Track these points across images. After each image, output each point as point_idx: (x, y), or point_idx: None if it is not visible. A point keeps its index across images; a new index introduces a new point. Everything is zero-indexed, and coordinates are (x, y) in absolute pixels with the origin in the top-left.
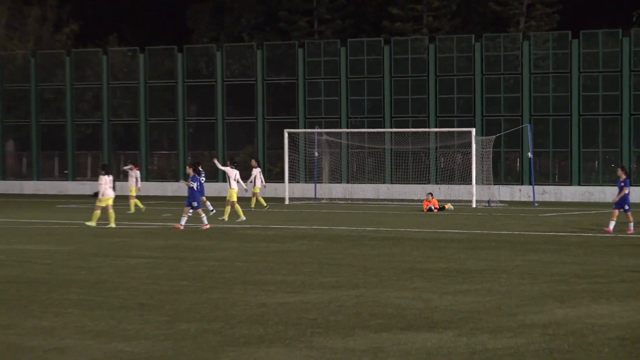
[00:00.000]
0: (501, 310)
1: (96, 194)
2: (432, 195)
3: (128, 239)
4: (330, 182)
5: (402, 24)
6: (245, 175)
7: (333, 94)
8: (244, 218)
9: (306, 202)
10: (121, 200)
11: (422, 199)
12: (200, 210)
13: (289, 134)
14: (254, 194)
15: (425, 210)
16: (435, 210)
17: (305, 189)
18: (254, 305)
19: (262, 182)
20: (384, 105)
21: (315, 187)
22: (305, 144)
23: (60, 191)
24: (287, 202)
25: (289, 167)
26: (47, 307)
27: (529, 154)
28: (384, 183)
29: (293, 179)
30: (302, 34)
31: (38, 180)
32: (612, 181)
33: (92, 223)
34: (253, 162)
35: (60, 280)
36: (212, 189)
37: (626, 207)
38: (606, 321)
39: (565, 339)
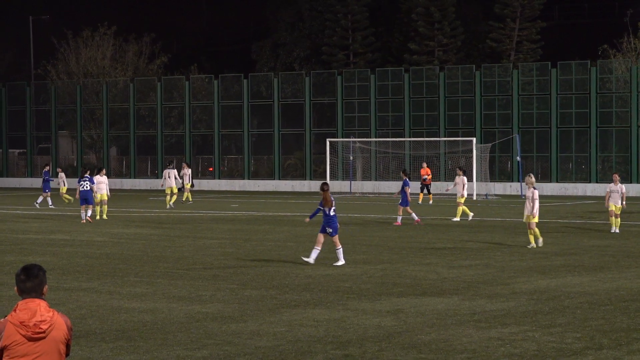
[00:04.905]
0: (496, 281)
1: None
2: (426, 164)
3: (204, 224)
4: (362, 180)
5: (419, 57)
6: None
7: (364, 111)
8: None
9: (343, 195)
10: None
11: (436, 192)
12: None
13: (330, 142)
14: (186, 189)
15: (421, 179)
16: (427, 182)
17: (342, 185)
18: (302, 276)
19: (190, 180)
20: (404, 119)
21: (350, 183)
22: (343, 150)
23: (151, 187)
24: None
25: (330, 168)
26: (141, 277)
27: (518, 158)
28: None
29: (333, 177)
30: (340, 64)
31: (134, 178)
32: (583, 179)
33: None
34: (184, 165)
35: (150, 256)
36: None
37: (401, 202)
38: (578, 289)
39: (546, 303)
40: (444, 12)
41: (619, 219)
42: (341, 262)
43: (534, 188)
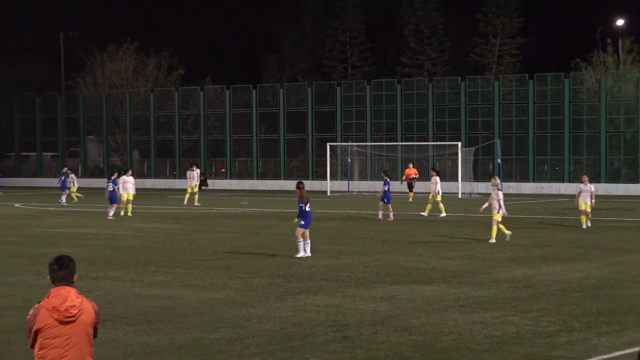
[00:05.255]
0: (479, 270)
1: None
2: (412, 164)
3: (217, 220)
4: (359, 180)
5: (410, 69)
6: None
7: (361, 118)
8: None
9: (341, 194)
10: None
11: (424, 192)
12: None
13: (330, 146)
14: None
15: (408, 178)
16: (414, 181)
17: (341, 185)
18: (306, 266)
19: (199, 180)
20: (396, 126)
21: (349, 183)
22: (342, 153)
23: (170, 186)
24: (328, 193)
25: (330, 169)
26: (160, 267)
27: (498, 160)
28: (397, 180)
29: (332, 177)
30: (339, 76)
31: (155, 178)
32: (557, 179)
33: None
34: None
35: (169, 248)
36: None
37: (385, 200)
38: (552, 278)
39: (523, 290)
40: (433, 29)
41: (589, 215)
42: (307, 254)
43: (499, 189)
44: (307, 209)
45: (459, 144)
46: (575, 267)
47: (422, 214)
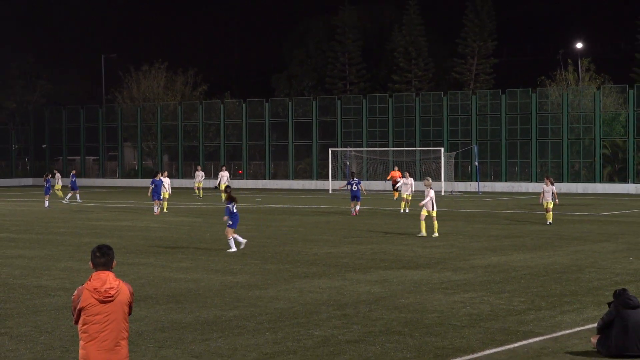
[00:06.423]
0: (459, 257)
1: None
2: (397, 167)
3: None
4: None
5: (400, 85)
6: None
7: (358, 127)
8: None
9: (341, 191)
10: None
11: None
12: (158, 201)
13: (332, 151)
14: (196, 187)
15: (394, 180)
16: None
17: (341, 184)
18: (310, 254)
19: (202, 179)
20: (389, 133)
21: (347, 182)
22: (341, 157)
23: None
24: (330, 192)
25: (332, 171)
26: (186, 255)
27: (476, 163)
28: (388, 181)
29: (334, 177)
30: (339, 91)
31: (182, 179)
32: (526, 179)
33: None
34: (198, 168)
35: (192, 239)
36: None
37: (355, 197)
38: (521, 264)
39: (497, 274)
40: (419, 51)
41: (551, 212)
42: (233, 249)
43: (431, 188)
44: (234, 210)
45: (442, 149)
46: (542, 255)
47: (402, 210)
